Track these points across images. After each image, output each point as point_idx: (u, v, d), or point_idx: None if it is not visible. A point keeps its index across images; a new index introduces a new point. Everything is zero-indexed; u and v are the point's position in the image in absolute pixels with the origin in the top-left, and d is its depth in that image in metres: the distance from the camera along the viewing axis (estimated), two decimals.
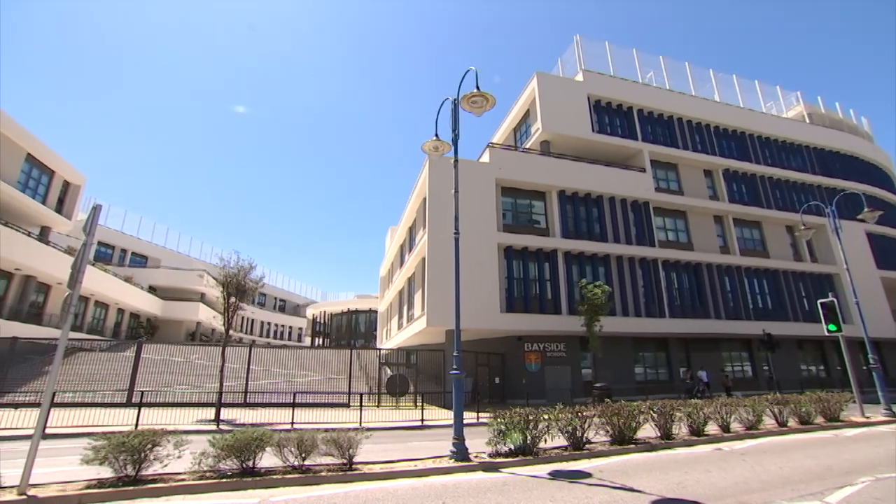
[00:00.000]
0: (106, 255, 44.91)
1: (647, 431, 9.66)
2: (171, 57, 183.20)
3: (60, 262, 26.91)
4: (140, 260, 48.90)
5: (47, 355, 21.50)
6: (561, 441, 8.50)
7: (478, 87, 8.00)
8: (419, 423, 14.08)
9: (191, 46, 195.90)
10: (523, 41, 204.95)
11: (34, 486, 5.49)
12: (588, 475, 6.76)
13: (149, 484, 5.75)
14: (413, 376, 21.50)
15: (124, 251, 47.86)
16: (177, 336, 42.23)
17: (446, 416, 15.38)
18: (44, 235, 28.76)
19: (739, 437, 10.19)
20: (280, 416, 13.31)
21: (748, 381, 26.07)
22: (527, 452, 7.82)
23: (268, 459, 6.49)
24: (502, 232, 22.35)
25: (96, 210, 6.44)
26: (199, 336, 45.68)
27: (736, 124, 31.50)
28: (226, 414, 14.41)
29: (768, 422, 11.52)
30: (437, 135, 8.89)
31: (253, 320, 59.81)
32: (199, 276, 45.13)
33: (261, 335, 61.08)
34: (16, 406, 15.10)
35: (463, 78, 8.55)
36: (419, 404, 16.25)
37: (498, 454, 7.86)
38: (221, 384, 14.24)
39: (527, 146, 27.40)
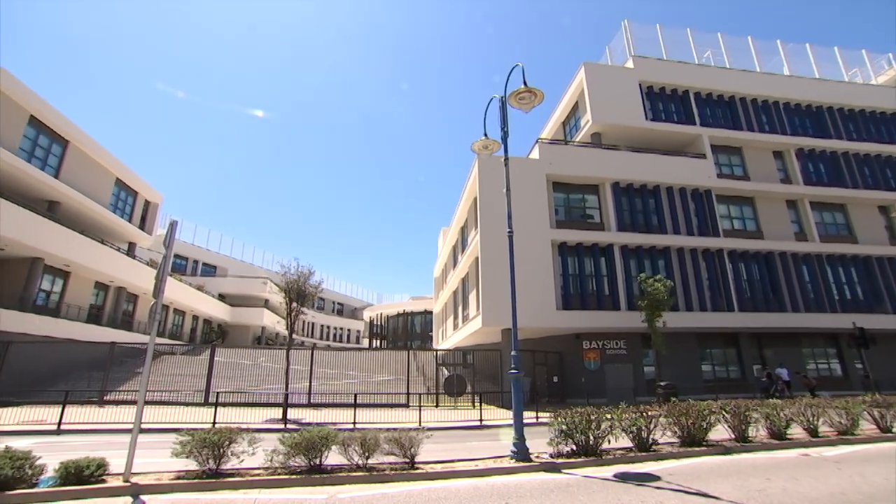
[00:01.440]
0: (181, 267, 48.77)
1: (720, 433, 9.07)
2: (217, 70, 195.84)
3: (145, 274, 29.62)
4: (210, 270, 52.69)
5: (138, 358, 23.71)
6: (625, 442, 8.18)
7: (525, 83, 7.89)
8: (478, 423, 14.08)
9: (236, 59, 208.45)
10: (567, 34, 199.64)
11: (135, 474, 6.09)
12: (656, 478, 6.46)
13: (228, 477, 6.18)
14: (470, 376, 21.55)
15: (196, 262, 51.77)
16: (244, 340, 45.04)
17: (505, 416, 15.30)
18: (130, 250, 31.73)
19: (830, 443, 9.22)
20: (342, 417, 13.81)
21: (836, 379, 23.70)
22: (589, 453, 7.61)
23: (333, 458, 6.77)
24: (555, 228, 21.87)
25: (173, 225, 7.03)
26: (264, 340, 48.43)
27: (811, 98, 28.64)
28: (291, 414, 15.14)
29: (866, 426, 10.27)
30: (485, 134, 8.87)
31: (313, 324, 62.52)
32: (263, 284, 47.82)
33: (321, 338, 63.70)
34: (116, 403, 16.85)
35: (509, 75, 8.47)
36: (477, 404, 16.26)
37: (559, 454, 7.71)
38: (287, 385, 15.02)
39: (577, 140, 26.66)
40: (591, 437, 7.70)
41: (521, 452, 7.48)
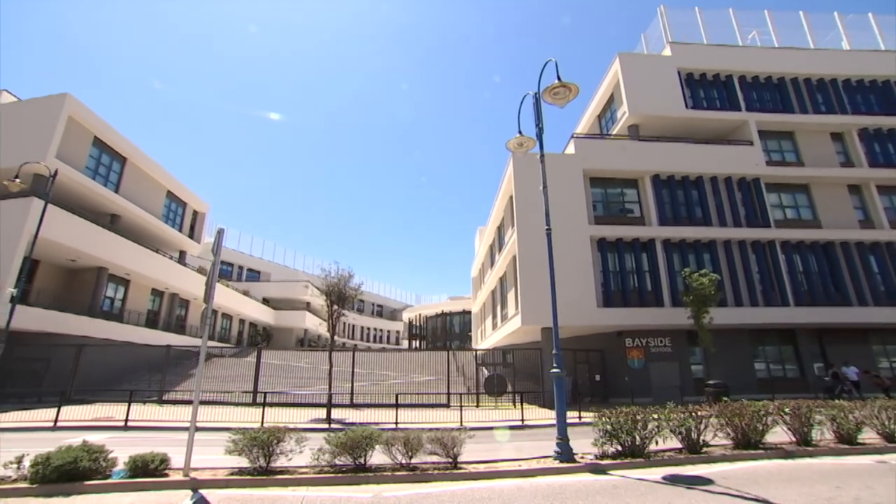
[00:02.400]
0: (227, 273, 51.12)
1: (778, 436, 8.53)
2: (252, 81, 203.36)
3: (195, 281, 31.28)
4: (254, 275, 54.93)
5: (191, 360, 25.04)
6: (673, 443, 7.87)
7: (559, 78, 7.74)
8: (519, 423, 13.96)
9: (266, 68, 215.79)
10: (598, 26, 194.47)
11: (193, 469, 6.45)
12: (709, 481, 6.17)
13: (277, 475, 6.42)
14: (510, 376, 21.40)
15: (241, 268, 54.12)
16: (288, 342, 46.63)
17: (546, 416, 15.11)
18: (181, 258, 33.56)
19: None
20: (384, 417, 14.04)
21: None
22: (636, 454, 7.38)
23: (377, 457, 6.89)
24: (594, 224, 21.35)
25: (220, 233, 7.37)
26: (307, 342, 49.95)
27: (876, 72, 26.23)
28: (335, 414, 15.53)
29: None
30: (520, 131, 8.78)
31: (353, 326, 63.92)
32: (305, 287, 49.35)
33: (361, 340, 65.03)
34: (173, 403, 17.88)
35: (542, 70, 8.35)
36: (518, 404, 16.12)
37: (605, 455, 7.52)
38: (330, 386, 15.43)
39: (613, 133, 25.93)
40: (638, 438, 7.46)
41: (565, 453, 7.36)
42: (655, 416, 7.68)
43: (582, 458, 7.50)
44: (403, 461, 6.79)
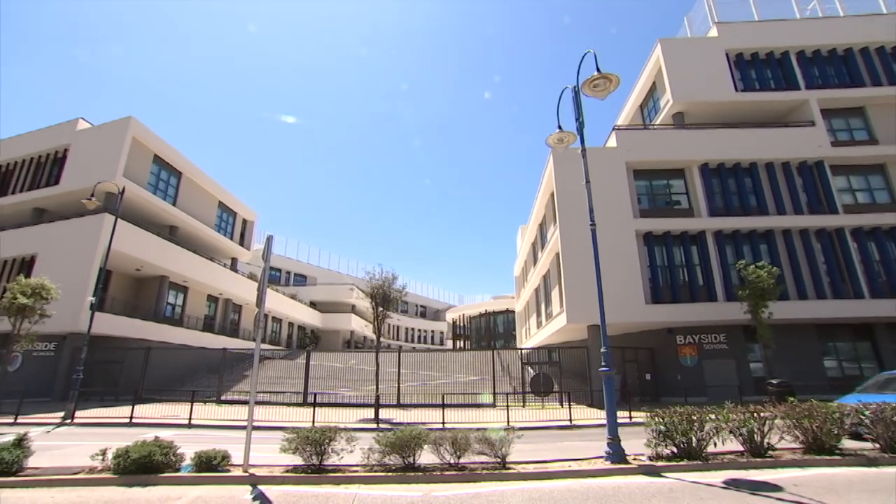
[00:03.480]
0: (275, 278, 53.31)
1: (857, 440, 7.89)
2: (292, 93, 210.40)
3: (246, 286, 32.89)
4: (300, 279, 57.00)
5: (245, 362, 26.32)
6: (733, 445, 7.43)
7: (598, 69, 7.54)
8: (567, 423, 13.72)
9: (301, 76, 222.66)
10: (635, 15, 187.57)
11: (251, 466, 6.78)
12: (777, 488, 5.78)
13: (330, 473, 6.62)
14: (556, 375, 21.05)
15: (288, 273, 56.31)
16: (335, 344, 48.00)
17: (595, 416, 14.76)
18: (233, 265, 35.37)
19: None
20: (431, 416, 14.17)
21: None
22: (692, 456, 7.04)
23: (426, 456, 6.96)
24: (639, 218, 20.63)
25: (270, 240, 7.70)
26: (353, 344, 51.25)
27: None
28: (382, 414, 15.84)
29: None
30: (560, 126, 8.62)
31: (398, 327, 64.97)
32: (350, 290, 50.68)
33: (406, 340, 65.98)
34: (230, 402, 18.86)
35: (580, 63, 8.16)
36: (565, 403, 15.84)
37: (659, 457, 7.24)
38: (377, 386, 15.73)
39: (657, 123, 24.91)
40: (694, 439, 7.12)
41: (617, 454, 7.14)
42: (712, 416, 7.29)
43: (634, 459, 7.26)
44: (452, 461, 6.82)
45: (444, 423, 12.71)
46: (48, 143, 26.22)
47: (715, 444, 7.22)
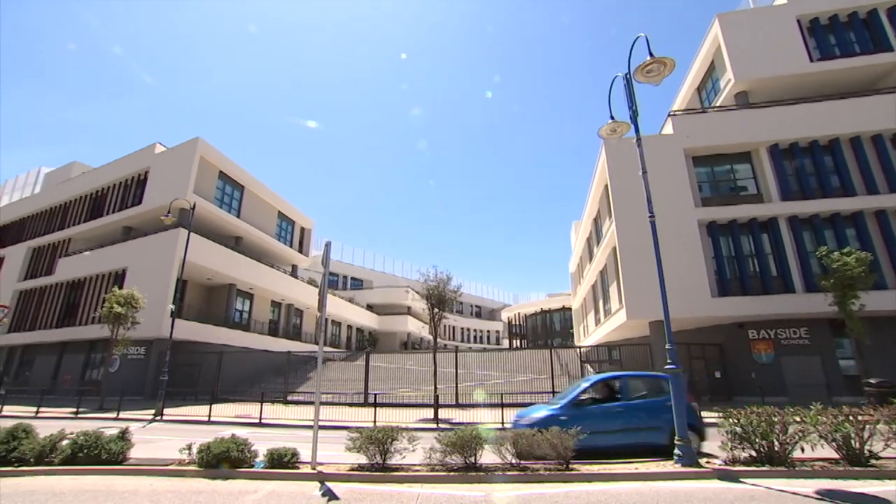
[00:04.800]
0: (333, 282, 55.43)
1: None
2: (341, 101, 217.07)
3: (306, 292, 34.47)
4: (357, 283, 58.87)
5: (308, 364, 27.56)
6: (825, 451, 6.73)
7: (651, 54, 7.18)
8: None
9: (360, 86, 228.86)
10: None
11: (319, 464, 7.08)
12: (885, 502, 5.20)
13: (393, 471, 6.78)
14: None
15: (345, 277, 58.36)
16: (392, 346, 49.11)
17: None
18: (294, 272, 37.19)
19: None
20: (490, 416, 14.12)
21: None
22: (775, 461, 6.48)
23: (487, 456, 6.94)
24: (701, 207, 19.44)
25: (328, 246, 8.02)
26: (410, 345, 52.17)
27: None
28: (441, 413, 15.99)
29: None
30: (612, 116, 8.29)
31: (454, 327, 65.43)
32: (406, 292, 51.69)
33: (462, 340, 66.27)
34: (296, 403, 19.83)
35: (631, 48, 7.81)
36: None
37: (735, 460, 6.75)
38: (436, 386, 15.90)
39: (717, 105, 23.33)
40: (776, 443, 6.54)
41: (688, 456, 6.76)
42: (797, 418, 6.66)
43: (707, 462, 6.84)
44: (514, 461, 6.77)
45: (503, 422, 12.62)
46: (132, 167, 28.99)
47: (802, 450, 6.58)
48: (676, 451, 6.90)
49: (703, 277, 18.14)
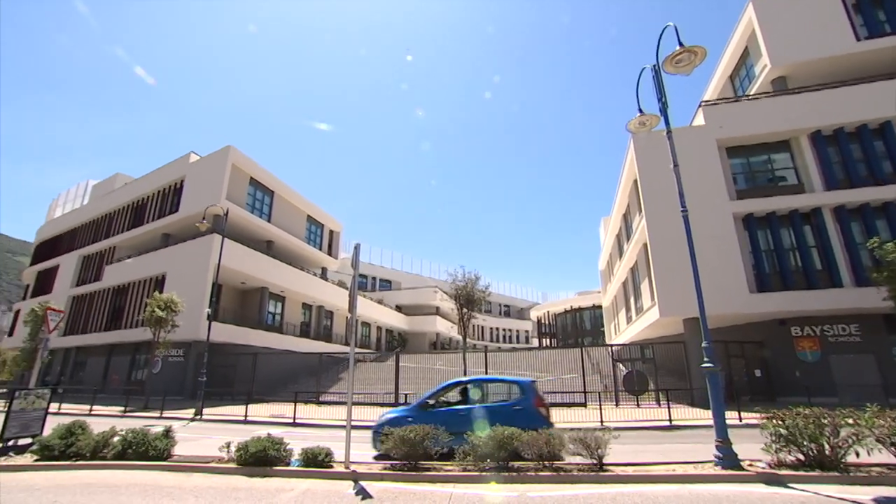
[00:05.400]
0: (362, 284, 56.25)
1: None
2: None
3: (336, 294, 35.07)
4: (385, 284, 59.51)
5: (339, 365, 28.05)
6: (882, 457, 6.25)
7: (680, 43, 6.95)
8: (666, 423, 12.85)
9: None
10: None
11: (352, 462, 7.19)
12: None
13: (426, 471, 6.81)
14: (651, 372, 19.78)
15: (374, 279, 59.10)
16: (421, 346, 49.39)
17: (697, 416, 13.68)
18: (323, 274, 37.92)
19: None
20: None
21: None
22: (826, 466, 6.11)
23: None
24: (736, 200, 18.69)
25: (357, 248, 8.15)
26: (439, 345, 52.34)
27: None
28: None
29: None
30: (640, 109, 8.07)
31: (482, 327, 65.30)
32: (434, 293, 51.91)
33: (491, 340, 66.04)
34: (329, 403, 20.20)
35: (660, 39, 7.58)
36: (663, 402, 14.82)
37: (781, 464, 6.42)
38: None
39: (752, 92, 22.36)
40: (827, 446, 6.17)
41: (729, 458, 6.50)
42: (849, 420, 6.26)
43: (750, 465, 6.54)
44: (546, 461, 6.68)
45: None
46: (169, 176, 30.27)
47: (856, 454, 6.16)
48: (715, 452, 6.66)
49: (739, 273, 17.44)
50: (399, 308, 50.96)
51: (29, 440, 8.69)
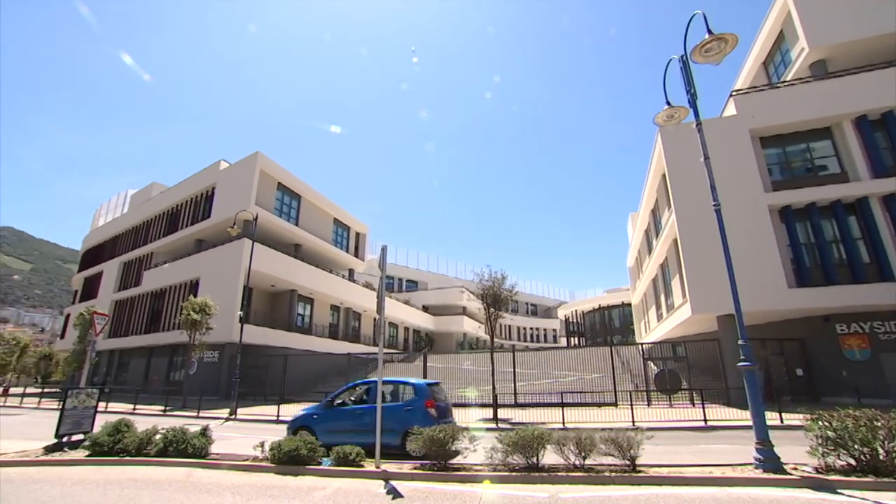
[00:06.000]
0: (389, 285, 56.74)
1: None
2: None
3: (363, 295, 35.53)
4: (412, 285, 59.90)
5: (368, 366, 28.36)
6: None
7: (710, 31, 6.70)
8: (701, 423, 12.47)
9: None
10: None
11: (382, 461, 7.27)
12: None
13: (455, 471, 6.81)
14: (684, 371, 19.22)
15: (400, 279, 59.59)
16: (448, 346, 49.48)
17: (733, 416, 13.23)
18: (350, 276, 38.48)
19: None
20: (549, 416, 13.85)
21: None
22: (881, 472, 5.70)
23: (549, 457, 6.79)
24: (771, 192, 17.92)
25: (384, 250, 8.21)
26: (466, 345, 52.30)
27: None
28: (500, 413, 15.85)
29: None
30: (668, 102, 7.84)
31: (510, 326, 64.95)
32: (461, 293, 51.93)
33: (518, 339, 65.60)
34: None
35: (687, 28, 7.34)
36: (697, 402, 14.39)
37: (828, 468, 6.09)
38: (494, 386, 15.82)
39: (788, 78, 21.38)
40: (881, 451, 5.80)
41: (770, 461, 6.23)
42: None
43: (794, 469, 6.25)
44: (577, 462, 6.58)
45: (564, 422, 12.36)
46: (201, 184, 31.37)
47: None
48: (755, 454, 6.39)
49: (776, 267, 16.71)
50: (425, 308, 51.18)
51: (81, 436, 9.31)
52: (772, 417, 11.48)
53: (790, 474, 6.05)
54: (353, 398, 9.76)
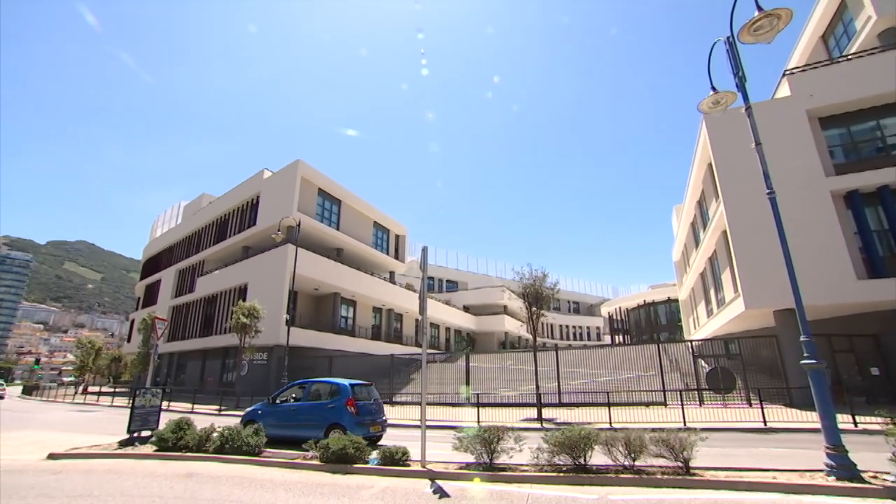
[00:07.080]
0: (430, 286, 57.16)
1: None
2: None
3: (405, 296, 36.03)
4: (452, 285, 60.07)
5: (410, 366, 28.72)
6: None
7: (760, 8, 6.30)
8: (760, 425, 11.79)
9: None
10: None
11: (428, 462, 7.33)
12: None
13: (501, 471, 6.76)
14: (738, 369, 18.21)
15: (440, 280, 59.90)
16: (490, 346, 49.25)
17: (795, 418, 12.38)
18: (391, 278, 39.09)
19: None
20: (595, 416, 13.50)
21: None
22: None
23: (596, 458, 6.62)
24: (833, 176, 16.65)
25: (425, 251, 8.30)
26: (508, 344, 51.88)
27: None
28: (544, 413, 15.63)
29: None
30: (713, 87, 7.42)
31: (552, 325, 63.94)
32: (501, 292, 51.60)
33: (561, 338, 64.45)
34: (402, 404, 20.79)
35: (733, 8, 6.93)
36: (754, 402, 13.60)
37: None
38: (537, 385, 15.62)
39: (852, 51, 19.75)
40: None
41: (845, 468, 5.71)
42: None
43: (874, 477, 5.71)
44: (626, 463, 6.37)
45: (611, 422, 12.03)
46: (246, 193, 32.85)
47: None
48: (826, 460, 5.90)
49: (842, 257, 15.50)
50: (466, 308, 51.17)
51: (148, 433, 10.16)
52: (843, 420, 10.66)
53: (869, 483, 5.53)
54: (293, 396, 10.82)
